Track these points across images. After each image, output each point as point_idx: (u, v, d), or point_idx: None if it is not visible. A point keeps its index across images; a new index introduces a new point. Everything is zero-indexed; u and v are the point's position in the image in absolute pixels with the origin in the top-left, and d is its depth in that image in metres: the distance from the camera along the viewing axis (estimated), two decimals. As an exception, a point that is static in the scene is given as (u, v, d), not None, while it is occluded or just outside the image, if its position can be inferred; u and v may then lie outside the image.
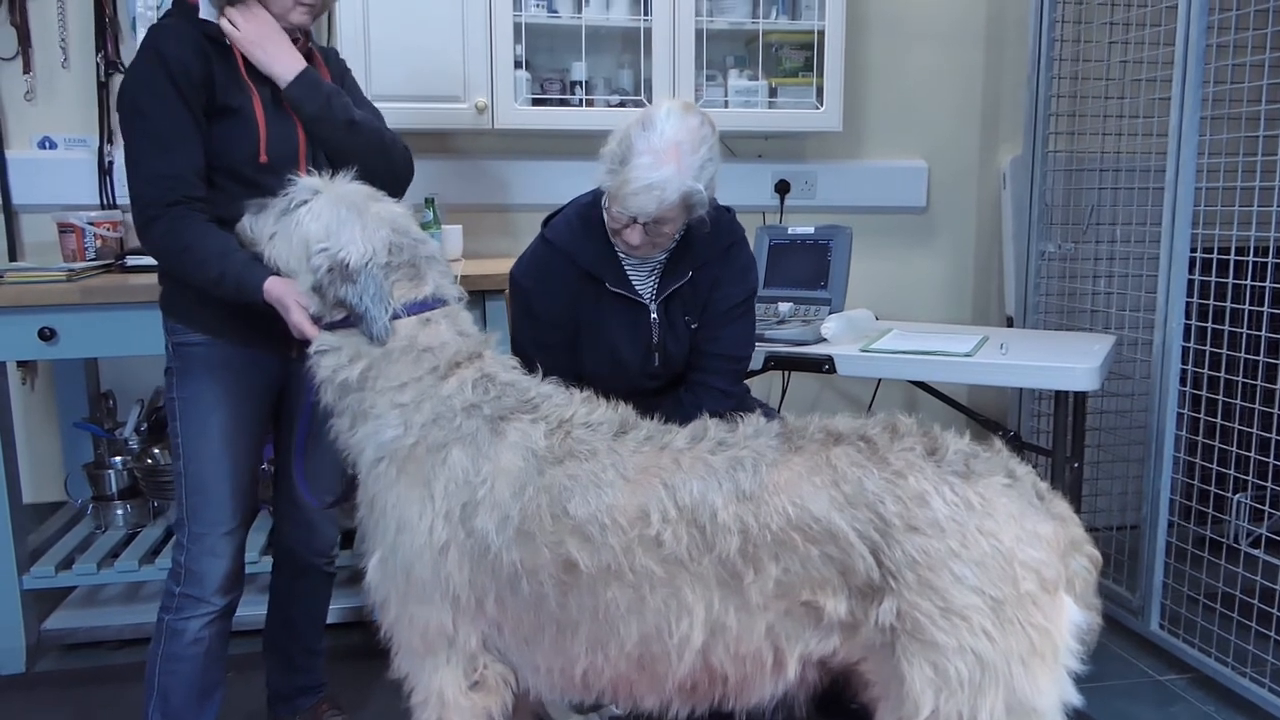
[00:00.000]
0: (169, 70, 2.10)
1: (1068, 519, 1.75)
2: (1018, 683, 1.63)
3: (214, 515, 2.26)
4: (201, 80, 2.14)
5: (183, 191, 2.13)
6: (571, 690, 1.94)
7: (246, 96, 2.20)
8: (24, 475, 3.21)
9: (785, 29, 3.68)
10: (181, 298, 2.25)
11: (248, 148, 2.19)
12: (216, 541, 2.27)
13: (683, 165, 2.28)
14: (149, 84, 2.12)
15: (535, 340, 2.54)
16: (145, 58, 2.14)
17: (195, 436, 2.24)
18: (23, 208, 3.51)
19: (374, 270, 1.94)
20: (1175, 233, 3.10)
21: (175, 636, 2.28)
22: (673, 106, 2.36)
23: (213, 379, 2.24)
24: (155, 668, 2.30)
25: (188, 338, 2.25)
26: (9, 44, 3.44)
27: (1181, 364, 3.13)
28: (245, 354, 2.26)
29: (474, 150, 3.81)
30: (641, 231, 2.37)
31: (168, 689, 2.30)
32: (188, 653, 2.29)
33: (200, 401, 2.24)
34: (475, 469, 1.84)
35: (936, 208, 4.20)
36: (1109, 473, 3.73)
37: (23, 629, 3.07)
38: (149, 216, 2.12)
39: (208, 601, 2.28)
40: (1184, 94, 3.03)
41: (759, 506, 1.72)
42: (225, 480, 2.26)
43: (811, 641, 1.76)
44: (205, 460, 2.25)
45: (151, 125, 2.12)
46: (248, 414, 2.30)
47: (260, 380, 2.32)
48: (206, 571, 2.27)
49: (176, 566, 2.28)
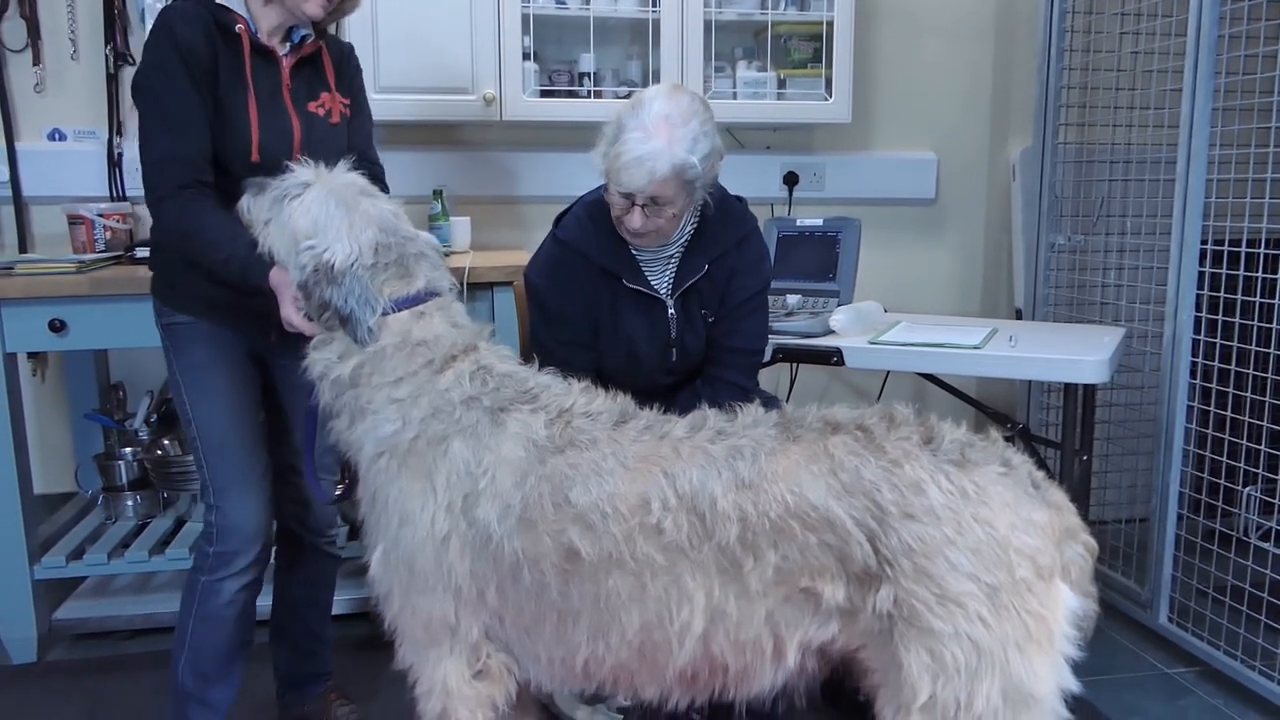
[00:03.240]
0: (179, 51, 2.12)
1: (1063, 507, 1.75)
2: (1014, 669, 1.63)
3: (235, 469, 2.30)
4: (208, 65, 2.15)
5: (193, 175, 2.15)
6: (572, 680, 1.94)
7: (244, 93, 2.21)
8: (35, 466, 3.23)
9: (794, 20, 3.67)
10: (170, 285, 2.32)
11: (239, 145, 2.20)
12: (243, 494, 2.31)
13: (672, 138, 2.28)
14: (160, 64, 2.13)
15: (558, 338, 2.53)
16: (157, 38, 2.15)
17: (202, 398, 2.30)
18: (33, 199, 3.52)
19: (359, 272, 1.94)
20: (1186, 224, 3.08)
21: (211, 596, 2.31)
22: (661, 88, 2.39)
23: (204, 348, 2.31)
24: (189, 625, 2.34)
25: (175, 319, 2.31)
26: (19, 36, 3.45)
27: (1191, 356, 3.12)
28: (228, 331, 2.32)
29: (482, 142, 3.81)
30: (641, 214, 2.37)
31: (200, 647, 2.34)
32: (223, 614, 2.32)
33: (199, 368, 2.31)
34: (477, 460, 1.85)
35: (946, 199, 4.19)
36: (1118, 465, 3.73)
37: (34, 619, 3.09)
38: (160, 196, 2.15)
39: (245, 552, 2.31)
40: (1195, 84, 3.02)
41: (758, 494, 1.72)
42: (237, 431, 2.31)
43: (810, 628, 1.77)
44: (216, 417, 2.30)
45: (163, 105, 2.14)
46: (243, 379, 2.36)
47: (245, 348, 2.37)
48: (238, 524, 2.30)
49: (208, 527, 2.31)
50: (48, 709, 2.85)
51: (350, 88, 2.45)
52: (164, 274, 2.34)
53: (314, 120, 2.33)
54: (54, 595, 3.24)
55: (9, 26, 3.44)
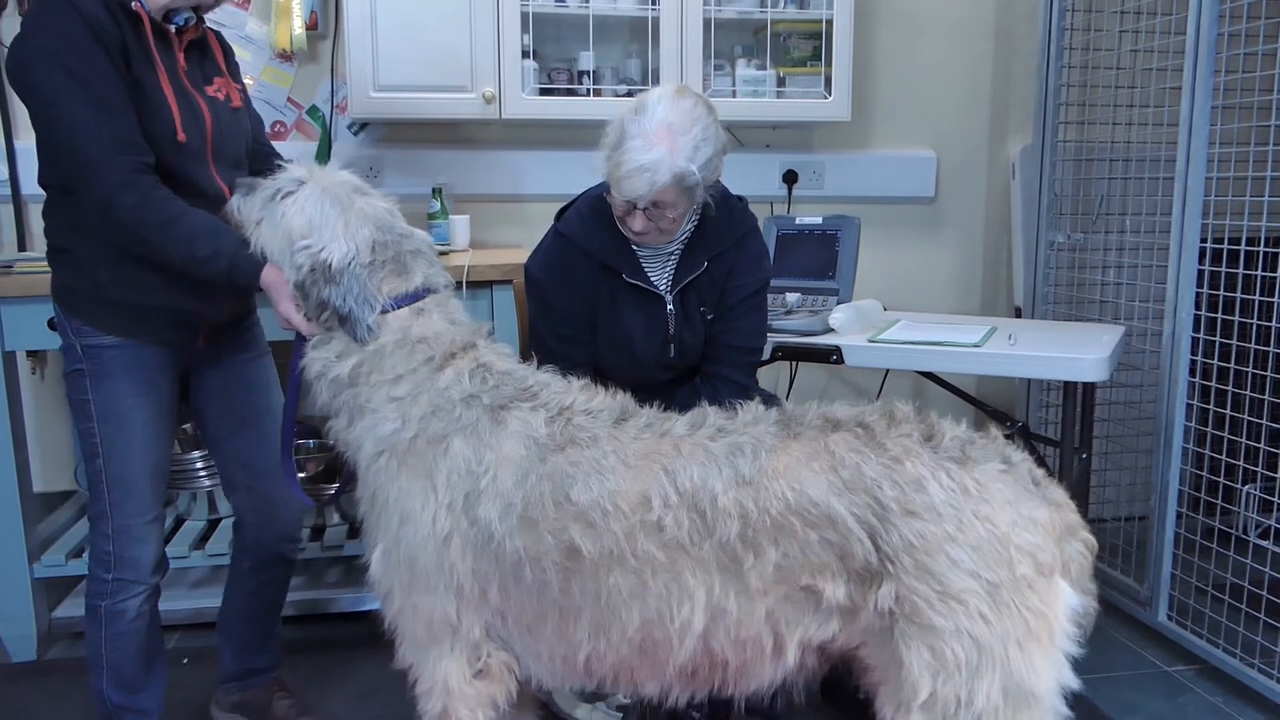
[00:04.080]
0: (89, 26, 1.98)
1: (1063, 504, 1.75)
2: (1014, 665, 1.64)
3: (138, 507, 2.27)
4: (119, 45, 2.02)
5: (142, 157, 2.04)
6: (574, 677, 1.94)
7: (155, 73, 2.09)
8: (34, 464, 3.23)
9: (793, 18, 3.67)
10: (86, 299, 2.19)
11: (162, 127, 2.09)
12: (144, 530, 2.29)
13: (674, 146, 2.28)
14: (75, 44, 1.97)
15: (555, 334, 2.54)
16: (57, 10, 1.98)
17: (117, 437, 2.22)
18: (32, 198, 3.50)
19: (356, 270, 1.93)
20: (1185, 223, 3.08)
21: (117, 618, 2.31)
22: (665, 91, 2.38)
23: (131, 381, 2.22)
24: (101, 649, 2.33)
25: (100, 340, 2.20)
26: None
27: (1191, 355, 3.12)
28: (158, 352, 2.25)
29: (481, 140, 3.81)
30: (643, 217, 2.37)
31: (118, 664, 2.34)
32: (131, 629, 2.32)
33: (121, 405, 2.22)
34: (478, 458, 1.85)
35: (945, 198, 4.19)
36: (1117, 463, 3.73)
37: (34, 617, 3.09)
38: (115, 184, 2.00)
39: (143, 582, 2.31)
40: (1195, 83, 3.02)
41: (758, 492, 1.73)
42: (146, 476, 2.27)
43: (811, 626, 1.77)
44: (129, 459, 2.24)
45: (90, 88, 1.98)
46: (165, 409, 2.30)
47: (172, 373, 2.31)
48: (139, 557, 2.29)
49: (103, 555, 2.28)
50: (47, 707, 2.85)
51: (238, 75, 2.40)
52: (81, 282, 2.18)
53: (216, 104, 2.25)
54: (53, 593, 3.23)
55: (8, 24, 3.42)
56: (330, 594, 3.34)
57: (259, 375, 2.51)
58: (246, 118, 2.39)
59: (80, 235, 2.16)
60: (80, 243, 2.17)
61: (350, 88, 3.35)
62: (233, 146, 2.29)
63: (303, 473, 3.49)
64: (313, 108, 3.65)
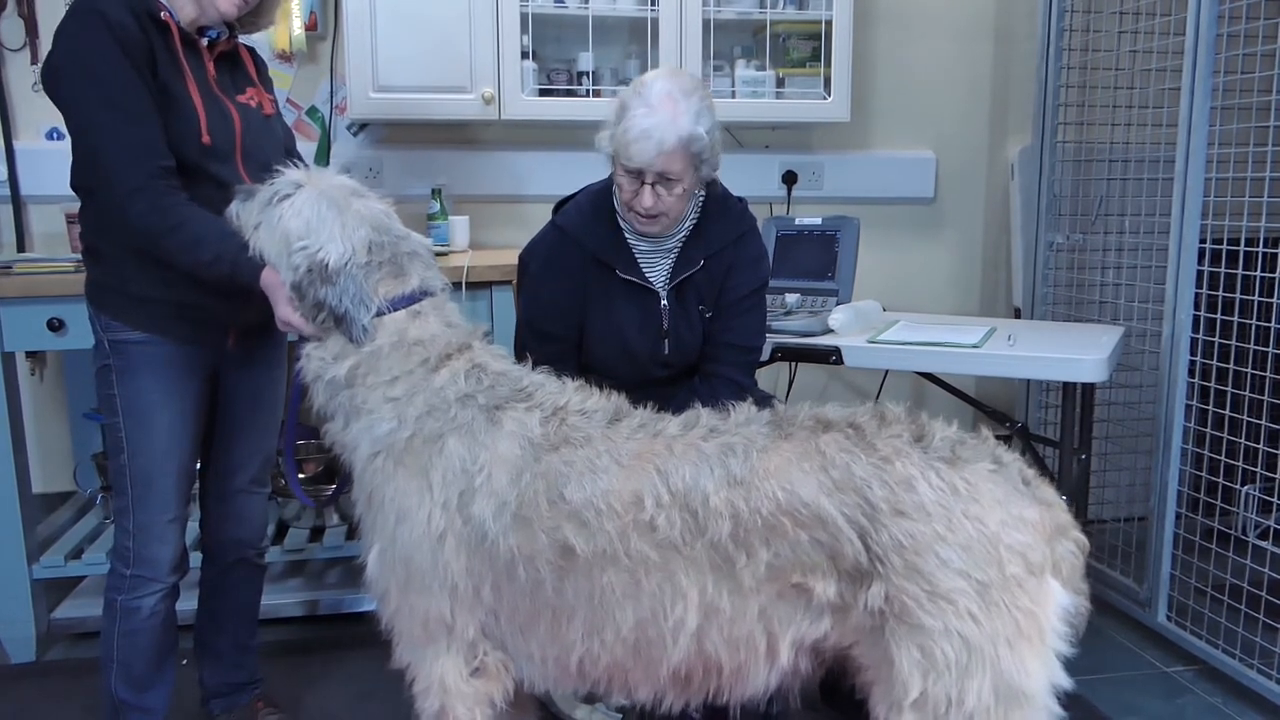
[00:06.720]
0: (116, 36, 2.02)
1: (1054, 504, 1.75)
2: (1005, 665, 1.63)
3: (160, 505, 2.28)
4: (145, 50, 2.07)
5: (160, 162, 2.07)
6: (567, 680, 1.94)
7: (183, 79, 2.15)
8: (33, 465, 3.22)
9: (793, 19, 3.67)
10: (115, 294, 2.22)
11: (188, 131, 2.14)
12: (164, 529, 2.30)
13: (677, 111, 2.31)
14: (100, 50, 2.02)
15: (535, 329, 2.56)
16: (85, 21, 2.03)
17: (141, 434, 2.24)
18: (31, 199, 3.52)
19: (353, 271, 1.93)
20: (1185, 223, 3.08)
21: (131, 614, 2.31)
22: (660, 70, 2.45)
23: (157, 378, 2.23)
24: (113, 644, 2.33)
25: (127, 335, 2.22)
26: (17, 35, 3.46)
27: (1190, 355, 3.11)
28: (186, 351, 2.26)
29: (481, 141, 3.81)
30: (651, 192, 2.38)
31: (129, 660, 2.34)
32: (145, 626, 2.33)
33: (145, 400, 2.23)
34: (473, 458, 1.85)
35: (944, 199, 4.19)
36: (1117, 464, 3.72)
37: (33, 618, 3.09)
38: (130, 189, 2.05)
39: (161, 581, 2.32)
40: (1194, 84, 3.01)
41: (749, 492, 1.73)
42: (170, 475, 2.28)
43: (803, 625, 1.77)
44: (152, 456, 2.25)
45: (113, 93, 2.04)
46: (191, 410, 2.30)
47: (202, 374, 2.32)
48: (157, 556, 2.30)
49: (124, 550, 2.30)
50: (47, 708, 2.85)
51: (270, 88, 2.43)
52: (111, 278, 2.23)
53: (248, 110, 2.30)
54: (52, 595, 3.24)
55: (7, 25, 3.44)
56: (330, 594, 3.35)
57: (270, 390, 2.52)
58: (279, 126, 2.43)
59: (107, 234, 2.21)
60: (108, 241, 2.22)
61: (349, 88, 3.36)
62: (264, 150, 2.30)
63: (302, 473, 3.50)
64: (312, 108, 3.65)
